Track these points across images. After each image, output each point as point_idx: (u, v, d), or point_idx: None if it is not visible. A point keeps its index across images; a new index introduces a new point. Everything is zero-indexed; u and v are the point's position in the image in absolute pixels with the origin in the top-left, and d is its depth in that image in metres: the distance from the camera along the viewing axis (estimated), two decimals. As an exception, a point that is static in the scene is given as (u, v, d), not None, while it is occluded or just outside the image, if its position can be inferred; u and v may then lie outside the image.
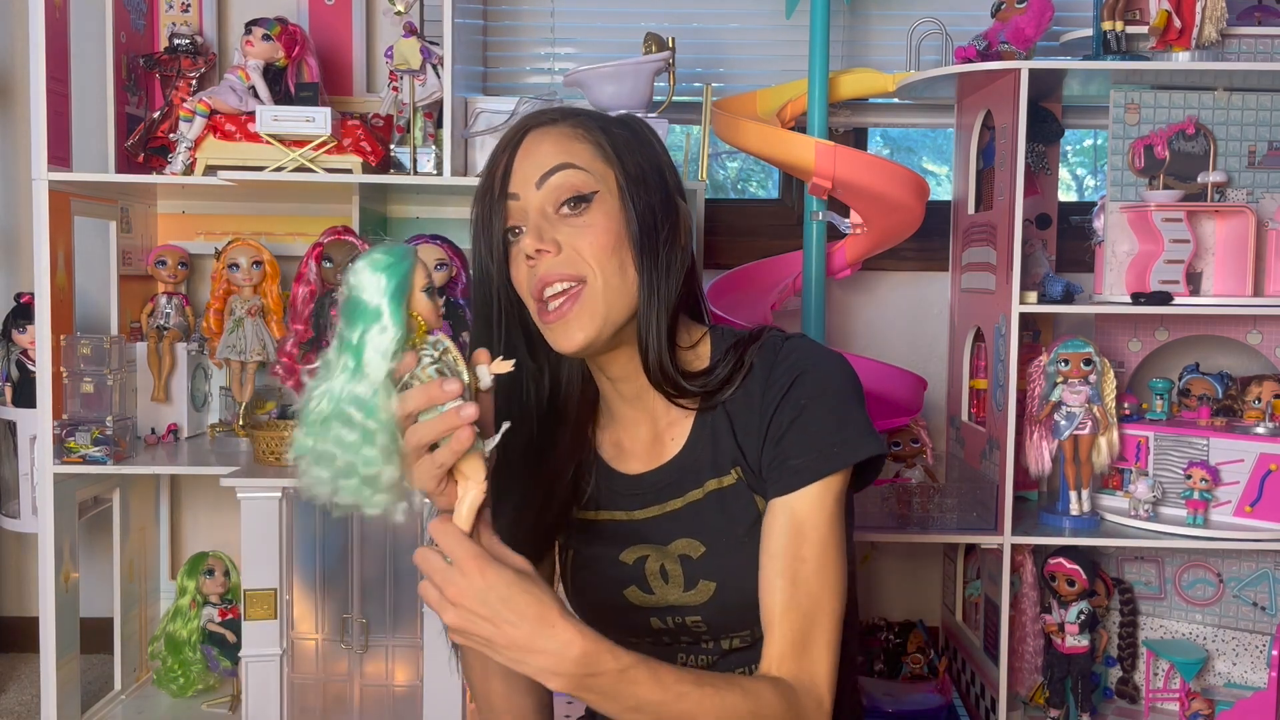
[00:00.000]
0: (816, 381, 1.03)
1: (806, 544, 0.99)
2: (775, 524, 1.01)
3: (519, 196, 1.02)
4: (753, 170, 2.66)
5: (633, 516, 1.11)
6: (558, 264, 1.00)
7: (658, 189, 1.05)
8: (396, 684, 1.88)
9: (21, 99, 2.25)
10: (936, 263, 2.24)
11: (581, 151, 1.02)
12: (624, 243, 1.02)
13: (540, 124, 1.05)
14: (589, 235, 1.01)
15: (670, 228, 1.05)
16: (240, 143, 1.85)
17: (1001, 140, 1.88)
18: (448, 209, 2.20)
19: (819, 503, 1.00)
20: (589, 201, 1.01)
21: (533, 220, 1.01)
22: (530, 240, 1.00)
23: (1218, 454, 1.83)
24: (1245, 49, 1.90)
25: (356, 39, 2.19)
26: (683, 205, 1.08)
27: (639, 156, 1.05)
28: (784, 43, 2.23)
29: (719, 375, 1.06)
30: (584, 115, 1.07)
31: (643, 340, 1.04)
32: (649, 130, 1.10)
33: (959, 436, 2.12)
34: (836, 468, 1.01)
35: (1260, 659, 1.95)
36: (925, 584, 2.33)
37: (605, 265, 1.01)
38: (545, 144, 1.03)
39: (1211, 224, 1.85)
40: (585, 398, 1.14)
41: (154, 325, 2.09)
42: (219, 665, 2.07)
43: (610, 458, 1.14)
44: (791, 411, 1.02)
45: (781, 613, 0.98)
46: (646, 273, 1.02)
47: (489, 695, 1.10)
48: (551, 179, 1.01)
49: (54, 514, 1.82)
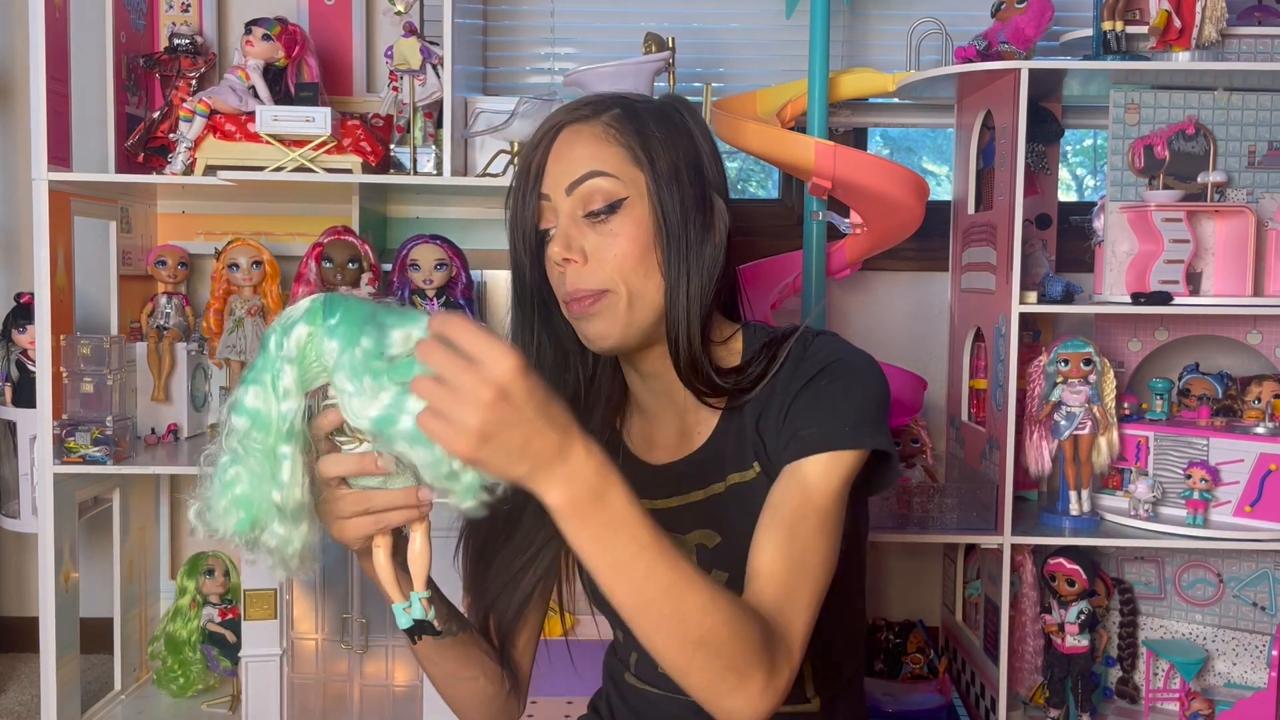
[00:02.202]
0: (842, 372, 1.03)
1: (809, 505, 0.97)
2: (780, 484, 1.00)
3: (550, 198, 1.03)
4: (753, 170, 2.66)
5: (654, 505, 1.12)
6: (583, 275, 1.02)
7: (692, 185, 1.04)
8: (396, 684, 1.88)
9: (21, 99, 2.25)
10: (936, 263, 2.24)
11: (612, 156, 1.02)
12: (651, 247, 1.02)
13: (574, 120, 1.05)
14: (615, 245, 1.01)
15: (703, 225, 1.04)
16: (240, 143, 1.85)
17: (1001, 140, 1.88)
18: (448, 209, 2.20)
19: (826, 473, 0.99)
20: (617, 210, 1.02)
21: (562, 225, 1.03)
22: (558, 249, 1.02)
23: (1218, 454, 1.83)
24: (1245, 49, 1.90)
25: (356, 39, 2.20)
26: (718, 201, 1.07)
27: (674, 153, 1.04)
28: (784, 43, 2.23)
29: (752, 374, 1.06)
30: (620, 108, 1.05)
31: (673, 341, 1.04)
32: (690, 119, 1.08)
33: (959, 436, 2.12)
34: (848, 445, 0.99)
35: (1260, 659, 1.95)
36: (925, 584, 2.32)
37: (630, 276, 1.01)
38: (577, 146, 1.03)
39: (1211, 224, 1.85)
40: (614, 389, 1.15)
41: (154, 325, 2.09)
42: (219, 665, 2.07)
43: (636, 449, 1.15)
44: (813, 394, 1.02)
45: (772, 557, 0.94)
46: (673, 275, 1.02)
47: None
48: (581, 187, 1.02)
49: (54, 514, 1.82)
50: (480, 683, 1.10)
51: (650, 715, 1.16)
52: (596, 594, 1.16)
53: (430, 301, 1.89)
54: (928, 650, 2.11)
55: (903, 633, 2.15)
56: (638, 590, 0.82)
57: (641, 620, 0.83)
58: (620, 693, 1.20)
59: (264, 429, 0.83)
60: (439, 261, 1.88)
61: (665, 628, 0.83)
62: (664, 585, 0.82)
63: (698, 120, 1.08)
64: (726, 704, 0.86)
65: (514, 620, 1.14)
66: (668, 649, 0.84)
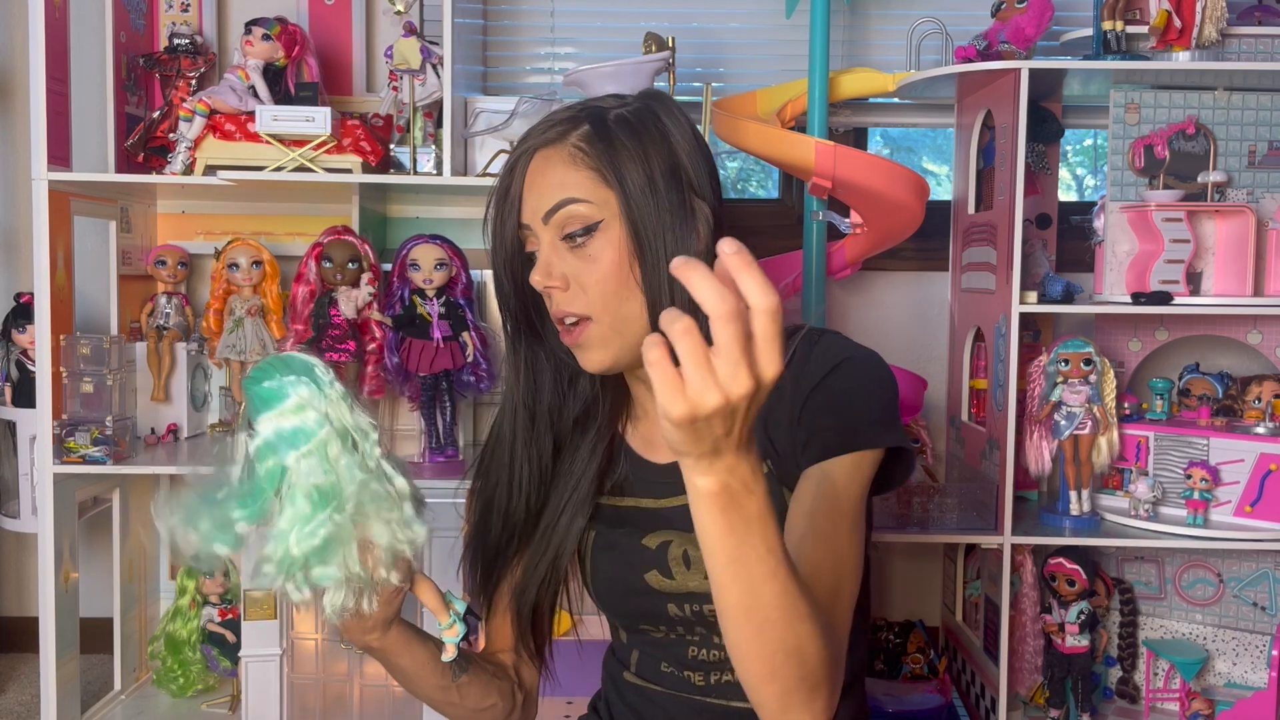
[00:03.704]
0: (854, 371, 1.04)
1: (840, 509, 0.98)
2: (808, 486, 0.99)
3: (530, 228, 1.04)
4: (753, 170, 2.65)
5: (660, 504, 1.12)
6: (566, 300, 1.03)
7: (668, 193, 1.03)
8: (396, 684, 1.87)
9: (21, 99, 2.25)
10: (936, 263, 2.24)
11: (582, 182, 1.02)
12: (629, 266, 1.02)
13: (544, 144, 1.04)
14: (593, 270, 1.02)
15: (683, 233, 1.03)
16: (240, 142, 1.85)
17: (1001, 140, 1.88)
18: (448, 209, 2.20)
19: (851, 475, 0.99)
20: (592, 233, 1.02)
21: (543, 253, 1.04)
22: (539, 277, 1.03)
23: (1218, 454, 1.83)
24: (1245, 49, 1.90)
25: (356, 39, 2.19)
26: (700, 204, 1.05)
27: (646, 165, 1.03)
28: (784, 43, 2.23)
29: None
30: (587, 125, 1.04)
31: None
32: (667, 118, 1.06)
33: (959, 436, 2.12)
34: (869, 445, 1.00)
35: (1260, 659, 1.95)
36: (925, 584, 2.32)
37: (609, 300, 1.02)
38: (549, 172, 1.03)
39: (1211, 224, 1.85)
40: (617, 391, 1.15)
41: (154, 325, 2.08)
42: (219, 665, 2.07)
43: (640, 449, 1.15)
44: (826, 395, 1.02)
45: (815, 564, 0.94)
46: (653, 290, 1.02)
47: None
48: (556, 215, 1.02)
49: (54, 514, 1.82)
50: (499, 707, 1.14)
51: (651, 714, 1.16)
52: (599, 594, 1.16)
53: (430, 301, 1.89)
54: (928, 650, 2.11)
55: (903, 633, 2.15)
56: (754, 591, 0.80)
57: (744, 623, 0.81)
58: (619, 692, 1.20)
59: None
60: (439, 261, 1.88)
61: (766, 633, 0.81)
62: (778, 591, 0.80)
63: (675, 118, 1.06)
64: (794, 716, 0.85)
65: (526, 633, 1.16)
66: (759, 656, 0.82)
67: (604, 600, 1.16)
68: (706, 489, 0.75)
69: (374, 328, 1.91)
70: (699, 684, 1.12)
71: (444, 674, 1.08)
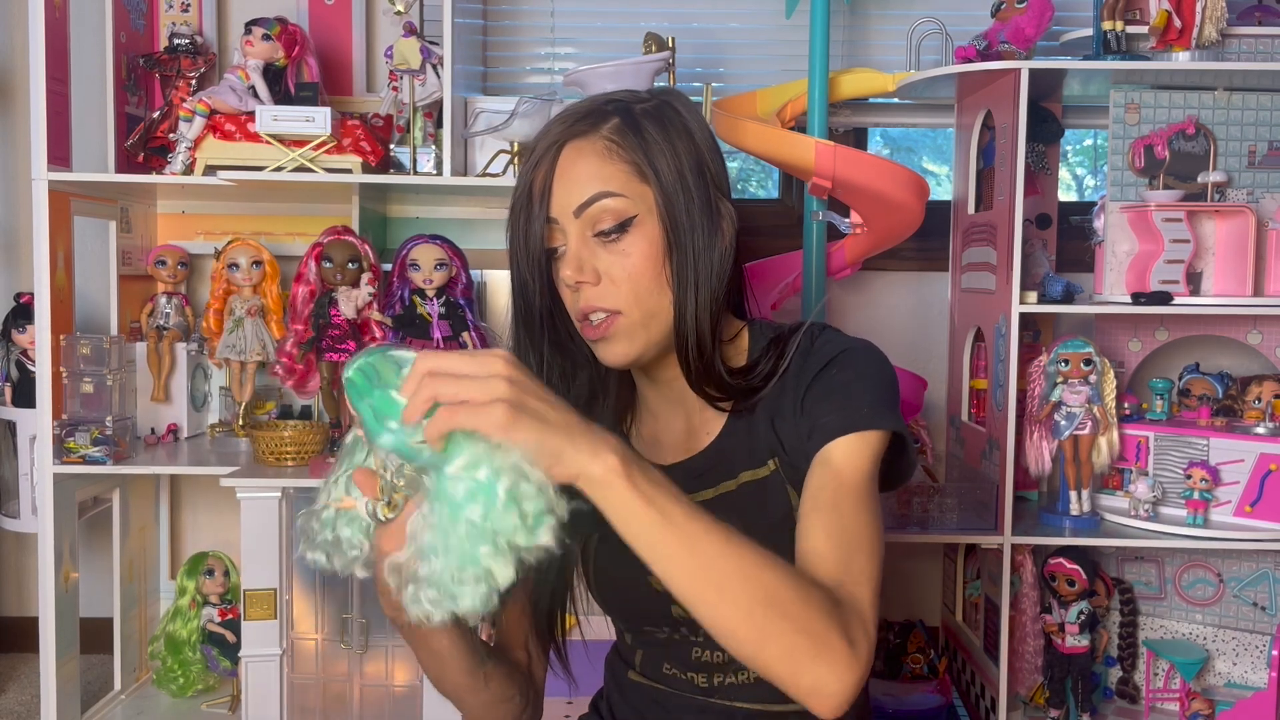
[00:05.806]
0: (852, 360, 1.04)
1: (844, 486, 0.97)
2: (813, 474, 1.00)
3: (558, 221, 1.02)
4: (753, 170, 2.65)
5: None
6: (596, 295, 1.02)
7: (697, 189, 1.03)
8: (396, 684, 1.88)
9: (21, 99, 2.25)
10: (936, 263, 2.24)
11: (617, 174, 1.01)
12: (663, 262, 1.02)
13: (575, 136, 1.03)
14: (626, 264, 1.01)
15: (710, 230, 1.03)
16: (240, 143, 1.85)
17: (1001, 140, 1.88)
18: (448, 209, 2.20)
19: (853, 454, 0.99)
20: (627, 228, 1.01)
21: (572, 247, 1.02)
22: (570, 271, 1.01)
23: (1218, 454, 1.83)
24: (1245, 49, 1.90)
25: (356, 39, 2.20)
26: (724, 202, 1.05)
27: (677, 160, 1.03)
28: (784, 43, 2.23)
29: (760, 372, 1.07)
30: (619, 117, 1.03)
31: (683, 350, 1.04)
32: (687, 114, 1.06)
33: (959, 436, 2.12)
34: (868, 426, 1.00)
35: (1260, 659, 1.95)
36: (925, 584, 2.32)
37: (641, 294, 1.01)
38: (581, 165, 1.01)
39: (1211, 224, 1.85)
40: (622, 390, 1.15)
41: (154, 325, 2.09)
42: (219, 665, 2.07)
43: (644, 449, 1.15)
44: (827, 384, 1.03)
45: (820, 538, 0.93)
46: (682, 288, 1.02)
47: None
48: (589, 209, 1.01)
49: (54, 514, 1.82)
50: (517, 702, 1.13)
51: (654, 714, 1.16)
52: (602, 596, 1.16)
53: (430, 301, 1.89)
54: (928, 650, 2.11)
55: (903, 633, 2.15)
56: (697, 550, 0.79)
57: (704, 587, 0.80)
58: (623, 692, 1.20)
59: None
60: (439, 261, 1.88)
61: (730, 589, 0.80)
62: (720, 541, 0.80)
63: (694, 114, 1.07)
64: (810, 675, 0.82)
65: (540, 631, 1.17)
66: (736, 617, 0.80)
67: (607, 602, 1.16)
68: (604, 469, 0.77)
69: (374, 328, 1.91)
70: (702, 685, 1.12)
71: (476, 657, 1.06)
